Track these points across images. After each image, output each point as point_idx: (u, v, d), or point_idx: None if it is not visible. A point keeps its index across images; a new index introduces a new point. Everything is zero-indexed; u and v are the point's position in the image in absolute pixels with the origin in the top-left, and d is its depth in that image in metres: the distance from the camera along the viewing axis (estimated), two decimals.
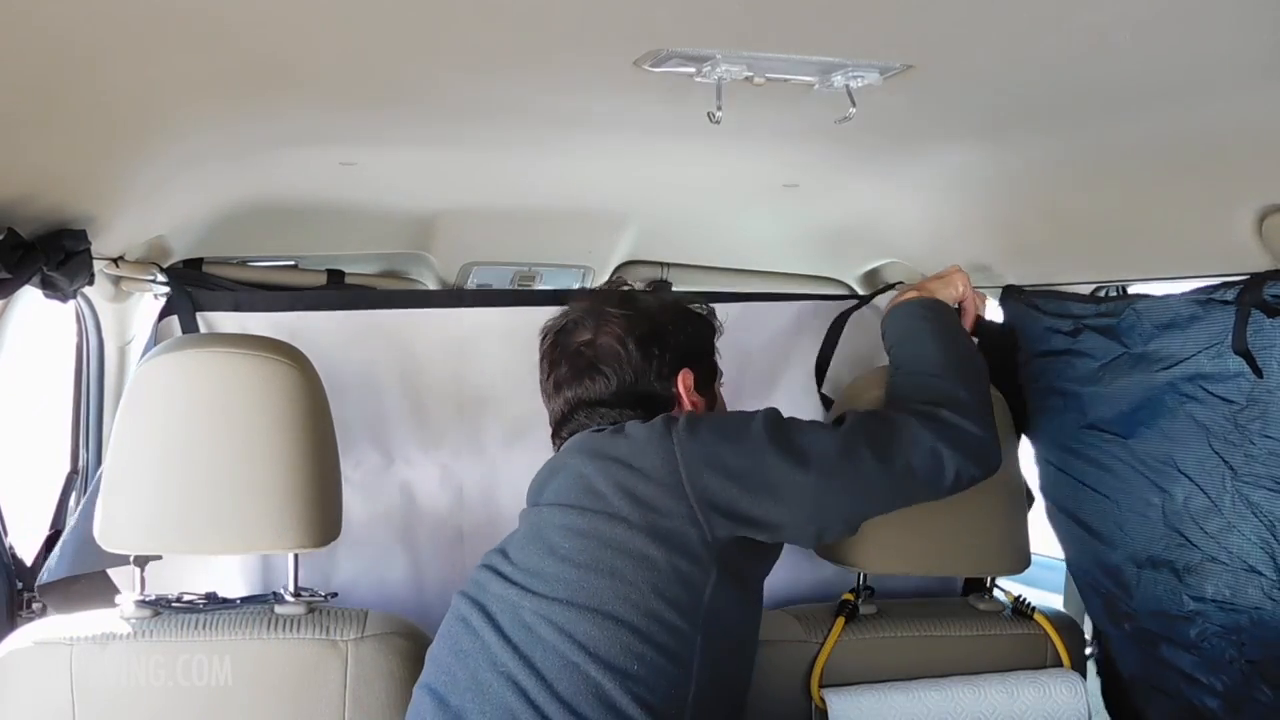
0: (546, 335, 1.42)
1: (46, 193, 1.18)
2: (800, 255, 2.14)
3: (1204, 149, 1.13)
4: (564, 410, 1.37)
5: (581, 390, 1.35)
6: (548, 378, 1.39)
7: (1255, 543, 1.28)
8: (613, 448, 1.23)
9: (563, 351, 1.38)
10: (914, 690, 1.42)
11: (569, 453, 1.28)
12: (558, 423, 1.38)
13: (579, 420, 1.35)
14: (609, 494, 1.19)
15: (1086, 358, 1.51)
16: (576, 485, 1.22)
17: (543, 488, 1.28)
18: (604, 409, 1.34)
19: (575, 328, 1.39)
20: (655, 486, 1.18)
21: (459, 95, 1.15)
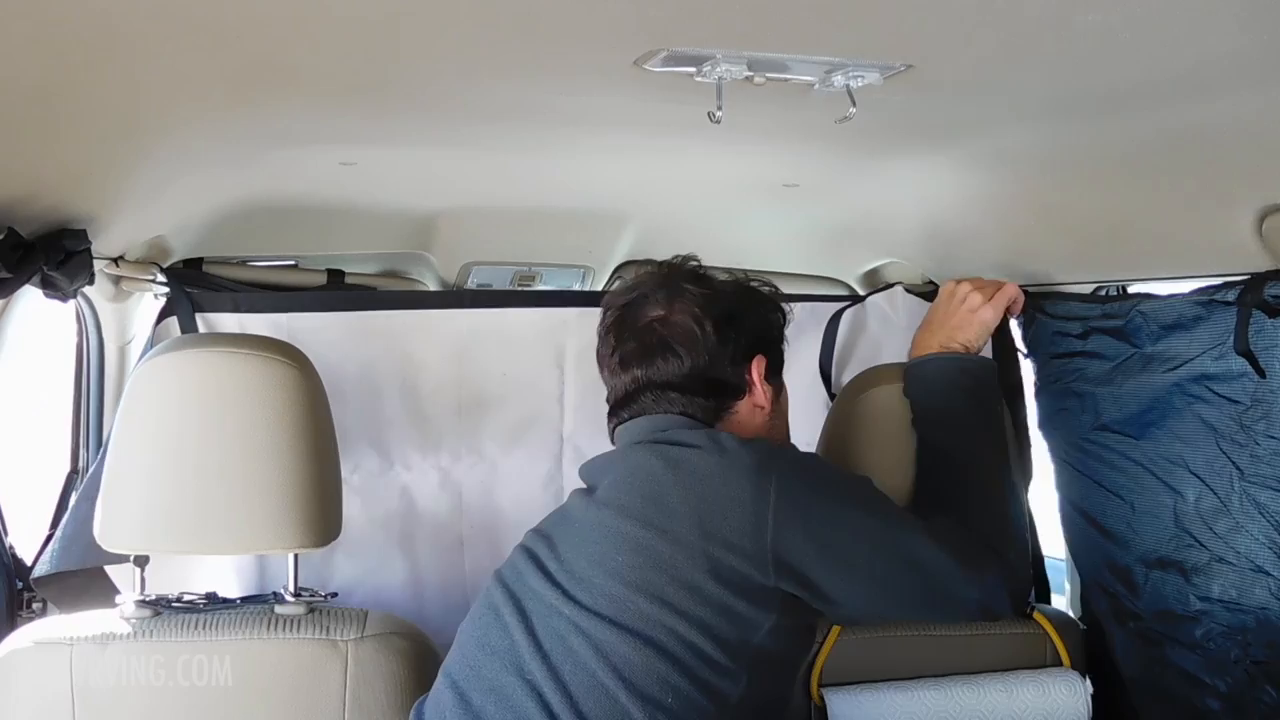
0: (611, 308, 1.33)
1: (46, 193, 1.18)
2: (800, 255, 2.14)
3: (1204, 149, 1.13)
4: (629, 389, 1.28)
5: (652, 370, 1.26)
6: (612, 353, 1.30)
7: (1263, 543, 1.28)
8: (700, 463, 1.14)
9: (632, 327, 1.29)
10: (913, 690, 1.43)
11: (644, 447, 1.20)
12: (619, 401, 1.30)
13: (644, 402, 1.27)
14: (680, 515, 1.11)
15: (1099, 359, 1.51)
16: (646, 490, 1.14)
17: (604, 472, 1.21)
18: (673, 393, 1.25)
19: (646, 302, 1.30)
20: (735, 524, 1.10)
21: (459, 95, 1.15)
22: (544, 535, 1.21)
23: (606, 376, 1.32)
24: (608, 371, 1.32)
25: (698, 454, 1.15)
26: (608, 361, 1.32)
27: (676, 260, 1.37)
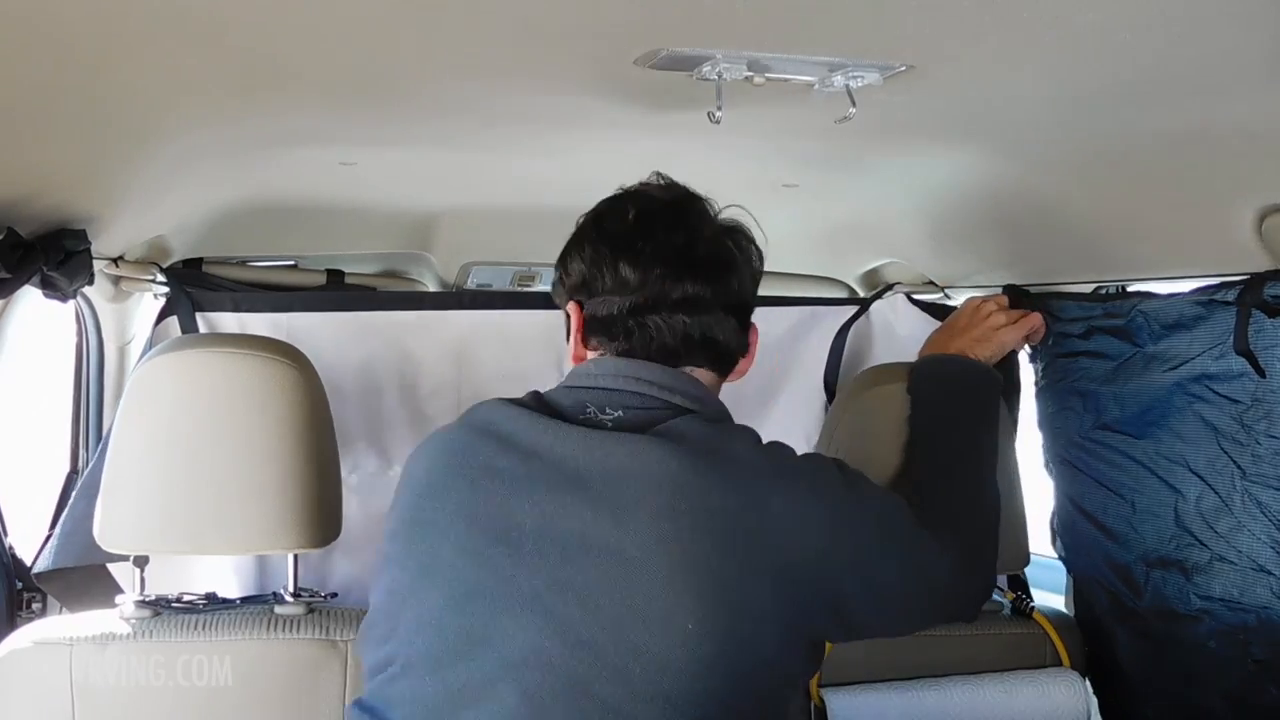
0: (641, 198, 1.15)
1: (46, 193, 1.18)
2: (800, 255, 2.13)
3: (1204, 149, 1.13)
4: (648, 302, 1.09)
5: (704, 288, 1.10)
6: (646, 241, 1.10)
7: (1264, 542, 1.28)
8: (759, 505, 1.02)
9: (690, 226, 1.12)
10: (913, 690, 1.42)
11: (669, 444, 1.02)
12: (627, 315, 1.09)
13: (656, 332, 1.09)
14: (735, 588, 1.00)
15: (1103, 358, 1.51)
16: (671, 528, 0.99)
17: (605, 460, 1.03)
18: (695, 338, 1.10)
19: (702, 208, 1.15)
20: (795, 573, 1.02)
21: (459, 95, 1.15)
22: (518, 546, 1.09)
23: (610, 277, 1.10)
24: (632, 266, 1.10)
25: (759, 493, 1.04)
26: (623, 258, 1.10)
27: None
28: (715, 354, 1.14)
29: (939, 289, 1.91)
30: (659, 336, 1.10)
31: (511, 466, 1.04)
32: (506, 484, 1.03)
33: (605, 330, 1.11)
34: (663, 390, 1.08)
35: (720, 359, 1.15)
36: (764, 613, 1.01)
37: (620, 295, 1.10)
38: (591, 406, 1.08)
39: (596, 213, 1.17)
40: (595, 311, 1.12)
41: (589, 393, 1.09)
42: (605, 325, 1.11)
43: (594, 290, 1.12)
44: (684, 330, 1.10)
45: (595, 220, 1.17)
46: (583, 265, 1.13)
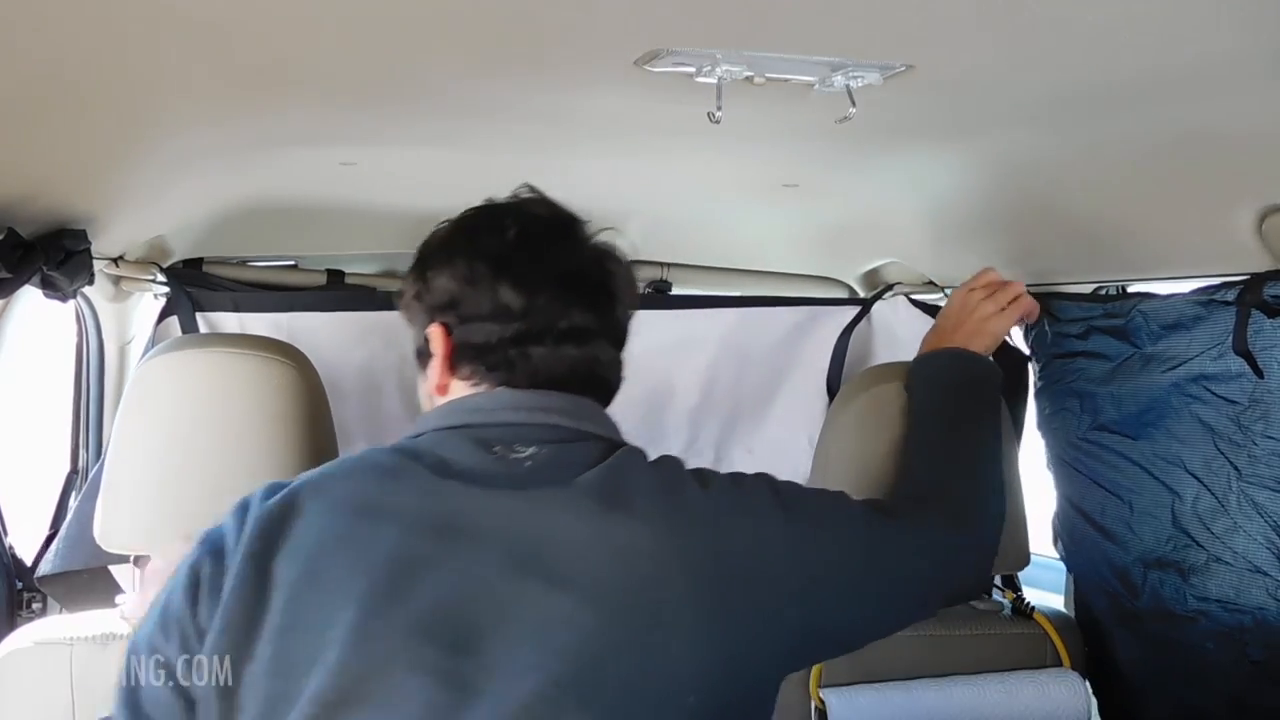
0: (520, 213, 1.04)
1: (46, 193, 1.18)
2: (800, 255, 2.14)
3: (1204, 149, 1.13)
4: (532, 331, 0.97)
5: (591, 317, 0.99)
6: (537, 257, 0.99)
7: (1261, 543, 1.28)
8: (726, 549, 0.92)
9: (575, 249, 1.03)
10: (913, 690, 1.42)
11: (623, 514, 0.90)
12: (509, 344, 0.97)
13: (541, 363, 0.97)
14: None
15: (1101, 359, 1.51)
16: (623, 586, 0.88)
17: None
18: (582, 371, 1.00)
19: (583, 229, 1.06)
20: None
21: (459, 95, 1.15)
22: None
23: (508, 295, 0.97)
24: (514, 289, 0.97)
25: (738, 532, 0.96)
26: (508, 273, 0.98)
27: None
28: (599, 386, 1.03)
29: (939, 289, 1.91)
30: (544, 369, 0.98)
31: (437, 552, 0.88)
32: (439, 577, 0.87)
33: (480, 359, 0.98)
34: (573, 419, 0.97)
35: (603, 391, 1.04)
36: (758, 660, 0.93)
37: (499, 322, 0.97)
38: (499, 445, 0.94)
39: (469, 226, 1.05)
40: (468, 338, 0.99)
41: (490, 430, 0.95)
42: (481, 354, 0.98)
43: (466, 313, 0.99)
44: (570, 362, 0.99)
45: (468, 234, 1.04)
46: (452, 283, 1.00)
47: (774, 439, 1.85)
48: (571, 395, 0.98)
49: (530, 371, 0.98)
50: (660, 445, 1.82)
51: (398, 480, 0.92)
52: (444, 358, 1.00)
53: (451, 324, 1.00)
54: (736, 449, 1.85)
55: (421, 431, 0.97)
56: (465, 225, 1.06)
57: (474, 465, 0.92)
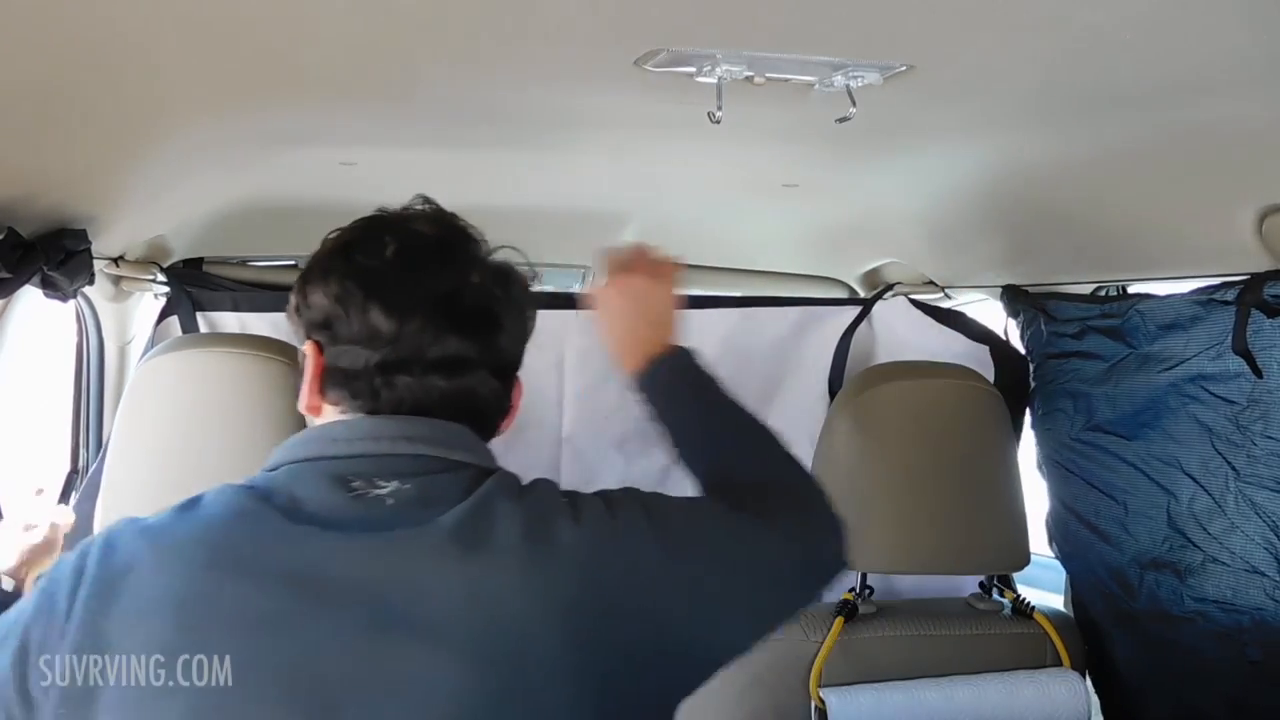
0: (402, 230, 0.98)
1: (47, 193, 1.18)
2: (800, 255, 2.14)
3: (1204, 149, 1.13)
4: (399, 360, 0.91)
5: (468, 346, 0.93)
6: (404, 286, 0.92)
7: (1258, 543, 1.28)
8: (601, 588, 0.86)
9: (459, 271, 0.95)
10: (913, 690, 1.42)
11: (487, 556, 0.84)
12: (374, 372, 0.91)
13: (406, 393, 0.92)
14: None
15: (1096, 359, 1.51)
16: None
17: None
18: (451, 401, 0.93)
19: (474, 249, 0.99)
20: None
21: (459, 95, 1.15)
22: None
23: (378, 318, 0.91)
24: (385, 313, 0.91)
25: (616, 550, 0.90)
26: (389, 284, 0.92)
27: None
28: (474, 415, 0.96)
29: (939, 289, 1.91)
30: (410, 399, 0.92)
31: (293, 610, 0.82)
32: (296, 636, 0.81)
33: (345, 385, 0.93)
34: (441, 448, 0.91)
35: (480, 421, 0.97)
36: (647, 692, 0.90)
37: (368, 347, 0.91)
38: (359, 480, 0.88)
39: (350, 240, 0.98)
40: (336, 361, 0.93)
41: (348, 464, 0.89)
42: (346, 380, 0.92)
43: (337, 334, 0.93)
44: (439, 393, 0.92)
45: (344, 249, 0.97)
46: (326, 301, 0.93)
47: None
48: (440, 422, 0.92)
49: (395, 401, 0.92)
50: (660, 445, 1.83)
51: (250, 528, 0.85)
52: (313, 378, 0.94)
53: (325, 343, 0.94)
54: None
55: (278, 464, 0.91)
56: (346, 239, 0.98)
57: (331, 508, 0.86)
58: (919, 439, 1.46)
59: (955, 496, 1.45)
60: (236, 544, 0.84)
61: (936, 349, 1.78)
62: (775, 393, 1.84)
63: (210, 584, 0.82)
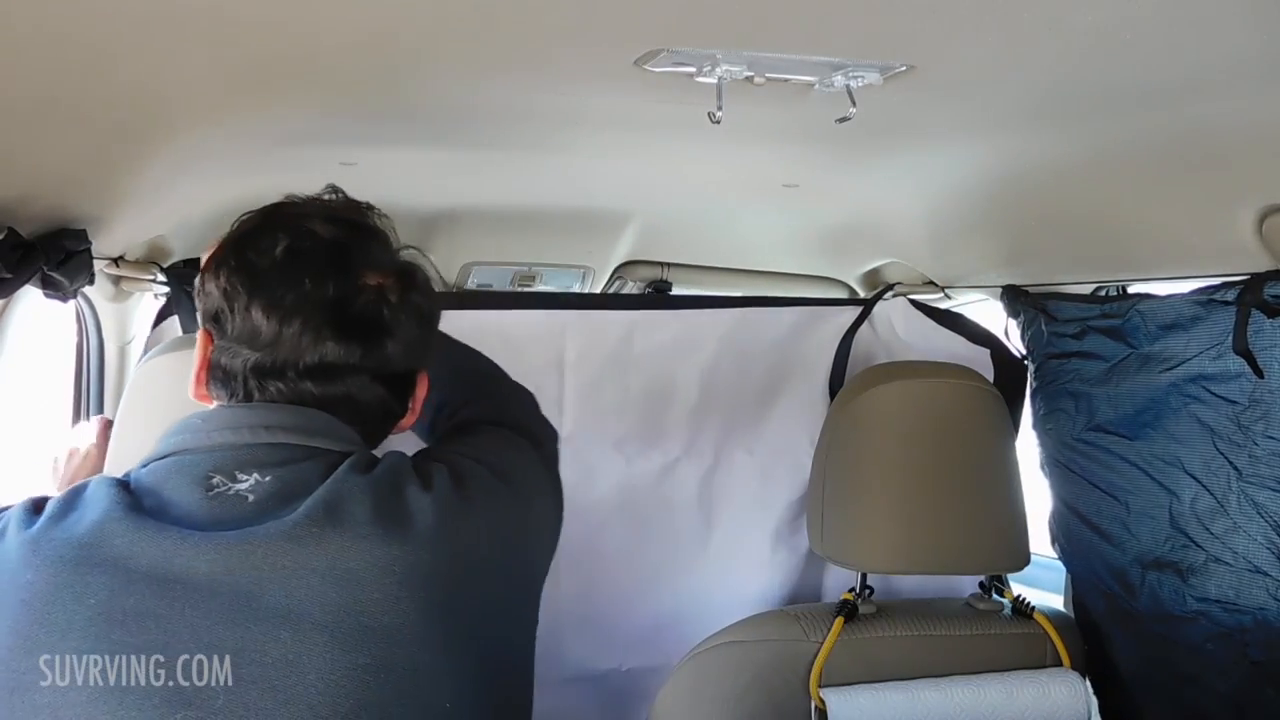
0: (296, 227, 0.95)
1: (47, 193, 1.18)
2: (800, 255, 2.14)
3: (1204, 149, 1.13)
4: (275, 365, 0.92)
5: (349, 352, 0.93)
6: (287, 287, 0.91)
7: (1261, 543, 1.28)
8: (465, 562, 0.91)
9: (350, 275, 0.94)
10: (913, 690, 1.42)
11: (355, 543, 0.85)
12: (248, 374, 0.92)
13: (277, 395, 0.92)
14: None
15: (1096, 359, 1.51)
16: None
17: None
18: (326, 403, 0.93)
19: (374, 250, 0.98)
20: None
21: (459, 95, 1.15)
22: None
23: (258, 318, 0.91)
24: (266, 314, 0.91)
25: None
26: (260, 295, 0.92)
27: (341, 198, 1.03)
28: (352, 420, 0.95)
29: (939, 289, 1.91)
30: (281, 402, 0.92)
31: (160, 606, 0.82)
32: (165, 631, 0.81)
33: (224, 384, 0.93)
34: (301, 435, 0.91)
35: (360, 424, 0.96)
36: (517, 647, 0.96)
37: (247, 347, 0.92)
38: (218, 475, 0.88)
39: (243, 232, 0.97)
40: (219, 358, 0.93)
41: (207, 457, 0.89)
42: (225, 378, 0.93)
43: (224, 329, 0.93)
44: (313, 399, 0.92)
45: (239, 243, 0.95)
46: (216, 293, 0.93)
47: (774, 439, 1.85)
48: (298, 408, 0.92)
49: (266, 402, 0.93)
50: (660, 445, 1.83)
51: (119, 527, 0.84)
52: (199, 369, 0.95)
53: (214, 336, 0.94)
54: (737, 450, 1.85)
55: (151, 459, 0.91)
56: (243, 231, 0.97)
57: (194, 508, 0.86)
58: (919, 439, 1.46)
59: (955, 496, 1.45)
60: (104, 543, 0.83)
61: (937, 351, 1.78)
62: (775, 393, 1.84)
63: (78, 581, 0.82)
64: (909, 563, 1.46)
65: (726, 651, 1.44)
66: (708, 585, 1.85)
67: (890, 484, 1.45)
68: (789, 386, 1.85)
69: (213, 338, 0.95)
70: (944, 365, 1.57)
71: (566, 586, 1.81)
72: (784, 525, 1.86)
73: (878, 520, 1.44)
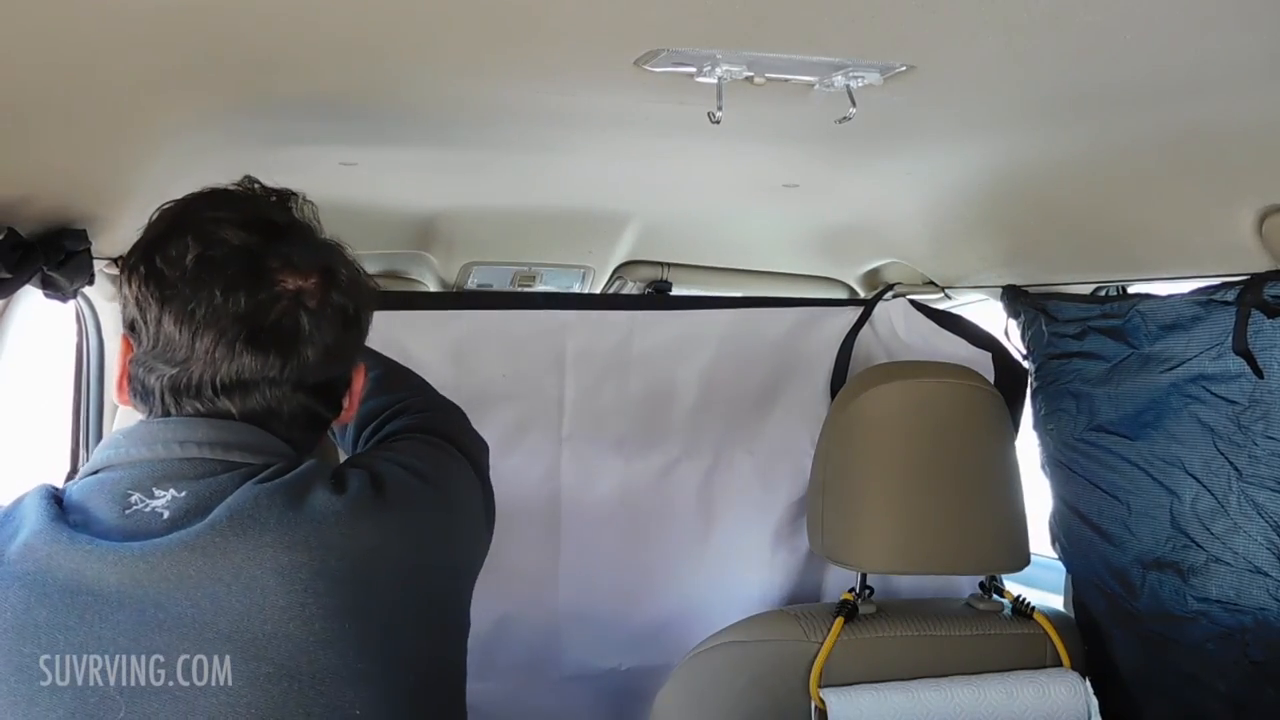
0: (205, 232, 0.91)
1: (47, 193, 1.18)
2: (800, 255, 2.14)
3: (1204, 149, 1.13)
4: (189, 384, 0.90)
5: (267, 363, 0.90)
6: (198, 298, 0.88)
7: (1261, 544, 1.28)
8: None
9: (263, 281, 0.90)
10: (913, 690, 1.42)
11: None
12: (165, 391, 0.90)
13: (194, 412, 0.91)
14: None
15: (1097, 359, 1.51)
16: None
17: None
18: (249, 417, 0.92)
19: (289, 251, 0.93)
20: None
21: (459, 95, 1.15)
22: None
23: (170, 329, 0.89)
24: (177, 326, 0.89)
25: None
26: (182, 295, 0.89)
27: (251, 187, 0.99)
28: (279, 427, 0.93)
29: (939, 289, 1.91)
30: (198, 415, 0.91)
31: (67, 620, 0.81)
32: (71, 647, 0.80)
33: (143, 399, 0.92)
34: (219, 450, 0.89)
35: (288, 430, 0.94)
36: (442, 651, 0.96)
37: (161, 361, 0.89)
38: (136, 493, 0.86)
39: (153, 236, 0.93)
40: (136, 371, 0.91)
41: (126, 473, 0.88)
42: (144, 394, 0.91)
43: (139, 338, 0.91)
44: (234, 414, 0.90)
45: (149, 248, 0.92)
46: (130, 299, 0.91)
47: (774, 440, 1.85)
48: (220, 422, 0.90)
49: (186, 416, 0.90)
50: (660, 446, 1.83)
51: (42, 542, 0.83)
52: (120, 377, 0.94)
53: (132, 343, 0.92)
54: (737, 450, 1.85)
55: (82, 474, 0.90)
56: (154, 235, 0.93)
57: (111, 525, 0.85)
58: (919, 439, 1.47)
59: (955, 497, 1.45)
60: (26, 557, 0.83)
61: (939, 354, 1.79)
62: (775, 393, 1.84)
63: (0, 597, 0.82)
64: (909, 563, 1.46)
65: (726, 651, 1.44)
66: (708, 585, 1.86)
67: (890, 484, 1.45)
68: (789, 387, 1.85)
69: (131, 345, 0.93)
70: (944, 365, 1.57)
71: (566, 586, 1.81)
72: (784, 525, 1.86)
73: (877, 520, 1.44)
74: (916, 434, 1.47)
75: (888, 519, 1.44)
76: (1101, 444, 1.52)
